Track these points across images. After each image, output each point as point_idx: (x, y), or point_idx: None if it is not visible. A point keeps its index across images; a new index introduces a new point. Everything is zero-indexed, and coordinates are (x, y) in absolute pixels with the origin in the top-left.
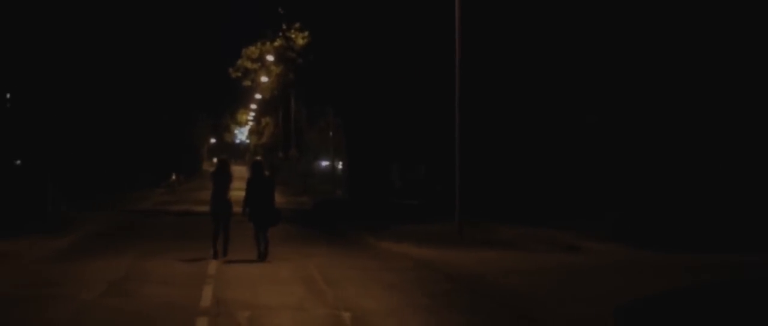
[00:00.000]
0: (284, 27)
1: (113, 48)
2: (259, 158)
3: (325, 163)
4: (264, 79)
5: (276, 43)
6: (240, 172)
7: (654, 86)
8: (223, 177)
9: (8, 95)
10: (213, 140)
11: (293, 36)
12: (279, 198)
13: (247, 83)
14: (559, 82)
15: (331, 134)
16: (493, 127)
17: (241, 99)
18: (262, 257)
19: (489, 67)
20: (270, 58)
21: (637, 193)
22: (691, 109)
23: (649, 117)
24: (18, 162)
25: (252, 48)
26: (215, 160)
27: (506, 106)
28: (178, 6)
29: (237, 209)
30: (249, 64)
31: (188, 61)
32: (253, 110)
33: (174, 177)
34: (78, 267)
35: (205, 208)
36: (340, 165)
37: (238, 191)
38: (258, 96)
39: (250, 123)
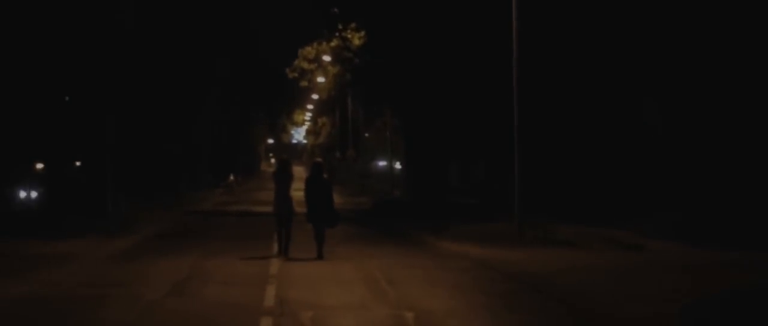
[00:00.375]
0: (340, 27)
1: (173, 49)
2: (319, 159)
3: (382, 163)
4: (321, 79)
5: (332, 44)
6: (298, 172)
7: (715, 85)
8: (284, 177)
9: (67, 97)
10: (270, 141)
11: (349, 36)
12: (337, 199)
13: (303, 83)
14: (618, 80)
15: (388, 133)
16: (551, 125)
17: (298, 99)
18: (321, 255)
19: (547, 65)
20: (326, 58)
21: (699, 192)
22: (756, 107)
23: (712, 115)
24: (78, 163)
25: (308, 48)
26: (273, 160)
27: (564, 104)
28: (236, 7)
29: (298, 209)
30: (306, 65)
31: (246, 62)
32: (309, 111)
33: (232, 178)
34: (141, 267)
35: (264, 208)
36: (397, 165)
37: (298, 192)
38: (315, 96)
39: (307, 123)
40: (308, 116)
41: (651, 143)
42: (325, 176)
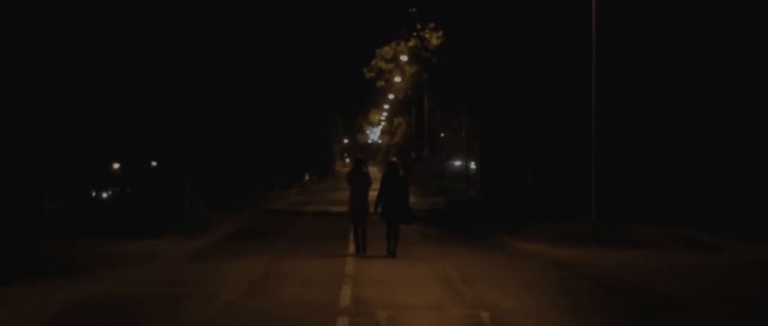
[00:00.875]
0: (418, 27)
1: (251, 49)
2: (394, 159)
3: (457, 163)
4: (397, 79)
5: (410, 43)
6: (372, 172)
7: None
8: (361, 176)
9: (146, 97)
10: (346, 140)
11: (427, 36)
12: (412, 198)
13: (381, 83)
14: (692, 80)
15: (463, 134)
16: (626, 125)
17: (374, 99)
18: (392, 254)
19: (623, 67)
20: (404, 58)
21: None
22: None
23: None
24: (154, 163)
25: (386, 48)
26: (348, 160)
27: (639, 105)
28: (315, 7)
29: (372, 209)
30: (383, 65)
31: (324, 62)
32: (385, 110)
33: (307, 178)
34: (217, 266)
35: (339, 208)
36: (472, 165)
37: (373, 192)
38: (391, 96)
39: (383, 123)
40: (384, 115)
41: (730, 143)
42: (401, 173)
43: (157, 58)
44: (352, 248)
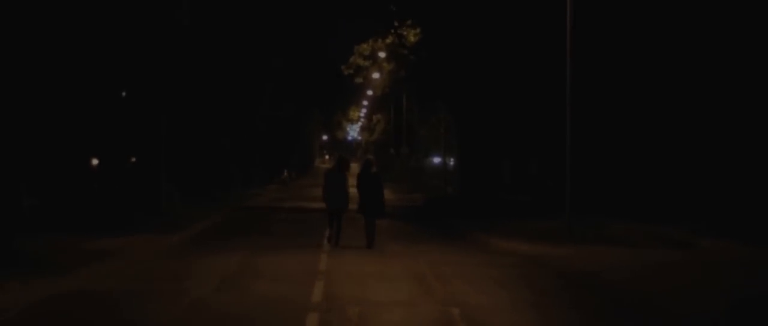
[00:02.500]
0: (396, 24)
1: (229, 46)
2: (370, 156)
3: (436, 160)
4: (376, 75)
5: (388, 40)
6: (352, 169)
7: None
8: (343, 174)
9: (123, 93)
10: (325, 137)
11: (405, 33)
12: (390, 195)
13: (359, 79)
14: (669, 76)
15: (442, 130)
16: (603, 123)
17: (353, 96)
18: (371, 245)
19: (599, 64)
20: (382, 54)
21: (755, 188)
22: None
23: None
24: (133, 160)
25: (364, 45)
26: (327, 157)
27: (615, 103)
28: (292, 4)
29: (352, 206)
30: (361, 61)
31: (301, 58)
32: (364, 107)
33: (286, 174)
34: (190, 262)
35: (317, 204)
36: (451, 162)
37: (352, 188)
38: (370, 93)
39: (362, 120)
40: (363, 112)
41: (703, 140)
42: (373, 170)
43: (135, 54)
44: (327, 244)
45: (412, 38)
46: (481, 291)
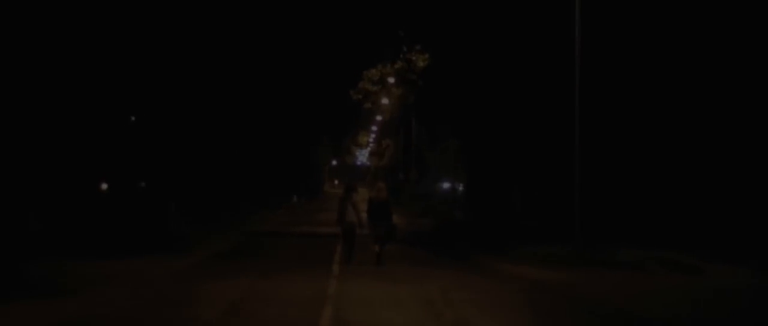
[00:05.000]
0: (405, 49)
1: (236, 70)
2: (381, 183)
3: (446, 185)
4: (384, 101)
5: (397, 65)
6: (361, 194)
7: None
8: (350, 199)
9: (133, 118)
10: (334, 162)
11: (414, 58)
12: (399, 220)
13: (367, 105)
14: (678, 102)
15: (452, 155)
16: (613, 148)
17: (362, 121)
18: (381, 264)
19: (608, 90)
20: (391, 80)
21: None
22: None
23: None
24: (142, 184)
25: (373, 70)
26: (336, 182)
27: (625, 126)
28: (300, 28)
29: (360, 230)
30: (369, 86)
31: (310, 83)
32: (373, 132)
33: (295, 199)
34: (199, 287)
35: (326, 229)
36: (460, 187)
37: (364, 213)
38: (379, 118)
39: (371, 145)
40: (372, 137)
41: (714, 165)
42: (383, 195)
43: (143, 79)
44: (336, 269)
45: (421, 63)
46: (491, 316)
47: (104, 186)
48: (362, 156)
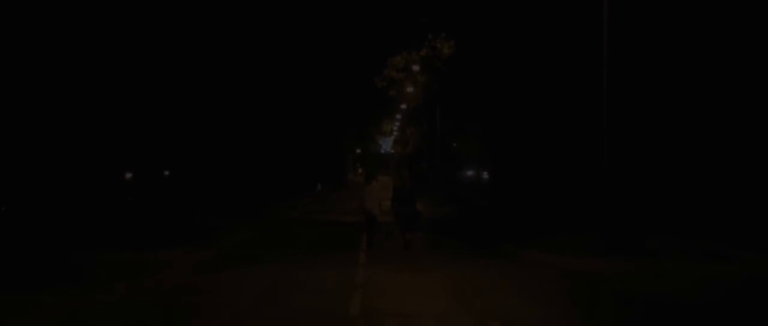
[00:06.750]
0: (430, 36)
1: (261, 59)
2: (405, 171)
3: (470, 172)
4: (409, 89)
5: (422, 53)
6: (384, 182)
7: None
8: (372, 186)
9: (157, 107)
10: (358, 150)
11: (439, 45)
12: (423, 207)
13: (392, 92)
14: (707, 90)
15: (476, 143)
16: (639, 136)
17: (387, 109)
18: (407, 246)
19: (635, 81)
20: (415, 67)
21: None
22: None
23: None
24: (167, 173)
25: (398, 58)
26: (360, 170)
27: (654, 113)
28: (326, 16)
29: (383, 217)
30: (394, 74)
31: (336, 71)
32: (397, 120)
33: (320, 187)
34: (227, 276)
35: (351, 218)
36: (485, 175)
37: (386, 202)
38: (403, 106)
39: (395, 133)
40: (396, 125)
41: (746, 153)
42: (408, 184)
43: (168, 69)
44: (363, 257)
45: (446, 51)
46: (519, 304)
47: (128, 175)
48: (386, 144)
